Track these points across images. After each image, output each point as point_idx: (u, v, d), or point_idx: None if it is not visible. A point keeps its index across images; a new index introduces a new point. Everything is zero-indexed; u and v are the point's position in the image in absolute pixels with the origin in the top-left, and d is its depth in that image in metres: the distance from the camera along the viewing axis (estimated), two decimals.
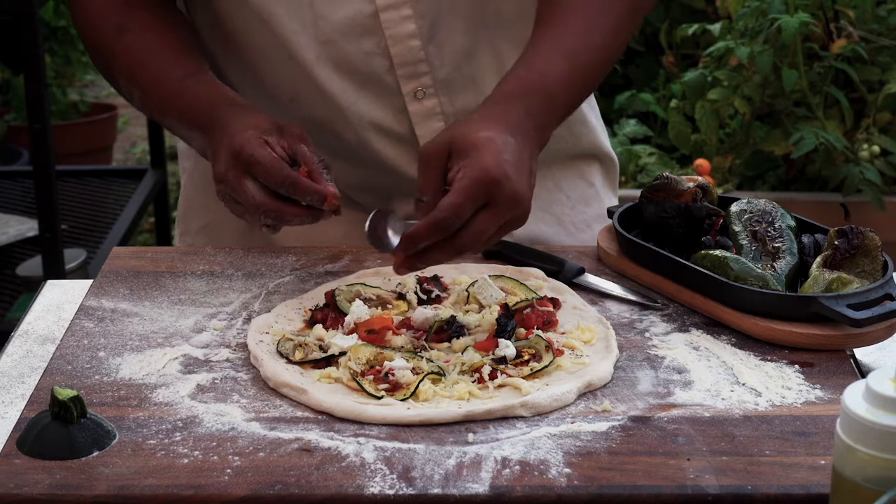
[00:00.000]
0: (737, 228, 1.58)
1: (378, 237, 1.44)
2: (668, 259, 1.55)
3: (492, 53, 1.69)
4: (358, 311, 1.45)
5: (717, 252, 1.52)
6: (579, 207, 1.83)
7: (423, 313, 1.46)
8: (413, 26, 1.63)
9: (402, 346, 1.41)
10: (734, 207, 1.61)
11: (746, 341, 1.45)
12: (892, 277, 1.49)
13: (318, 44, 1.63)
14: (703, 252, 1.54)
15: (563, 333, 1.46)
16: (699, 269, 1.51)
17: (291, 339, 1.41)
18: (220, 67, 1.72)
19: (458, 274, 1.58)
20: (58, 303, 1.60)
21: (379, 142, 1.69)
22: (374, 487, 1.18)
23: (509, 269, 1.59)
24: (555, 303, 1.51)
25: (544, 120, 1.50)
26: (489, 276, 1.54)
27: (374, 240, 1.44)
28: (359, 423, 1.28)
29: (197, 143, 1.60)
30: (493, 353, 1.39)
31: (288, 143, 1.49)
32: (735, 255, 1.52)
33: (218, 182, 1.51)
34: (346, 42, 1.63)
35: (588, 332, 1.45)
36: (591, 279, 1.59)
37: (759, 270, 1.49)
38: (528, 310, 1.47)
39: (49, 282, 1.67)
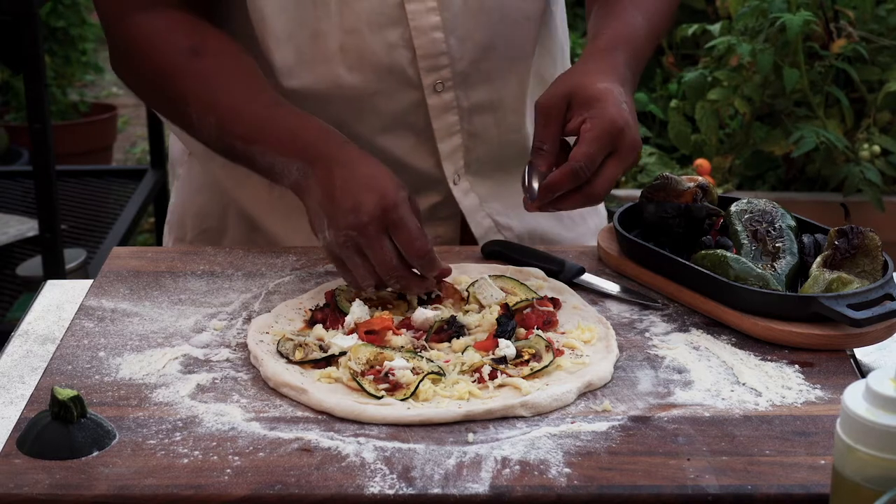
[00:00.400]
0: (737, 228, 1.58)
1: (526, 187, 1.53)
2: (668, 259, 1.55)
3: (507, 50, 1.71)
4: (358, 312, 1.45)
5: (718, 252, 1.52)
6: None
7: (423, 313, 1.46)
8: (437, 18, 1.64)
9: (402, 346, 1.41)
10: (734, 207, 1.61)
11: (746, 341, 1.45)
12: (892, 277, 1.49)
13: (343, 33, 1.62)
14: (703, 252, 1.54)
15: (563, 333, 1.46)
16: (699, 269, 1.51)
17: (291, 339, 1.41)
18: None
19: (458, 274, 1.58)
20: (58, 303, 1.60)
21: (394, 136, 1.70)
22: (374, 487, 1.18)
23: (509, 269, 1.59)
24: (555, 303, 1.51)
25: (636, 70, 1.62)
26: (489, 276, 1.54)
27: (524, 189, 1.54)
28: (359, 423, 1.28)
29: (291, 175, 1.53)
30: (493, 353, 1.39)
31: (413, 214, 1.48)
32: (735, 255, 1.52)
33: (352, 229, 1.45)
34: (370, 32, 1.63)
35: (588, 332, 1.45)
36: (591, 279, 1.59)
37: (760, 270, 1.49)
38: (528, 310, 1.48)
39: (49, 282, 1.67)
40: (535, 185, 1.52)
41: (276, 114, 1.56)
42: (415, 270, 1.48)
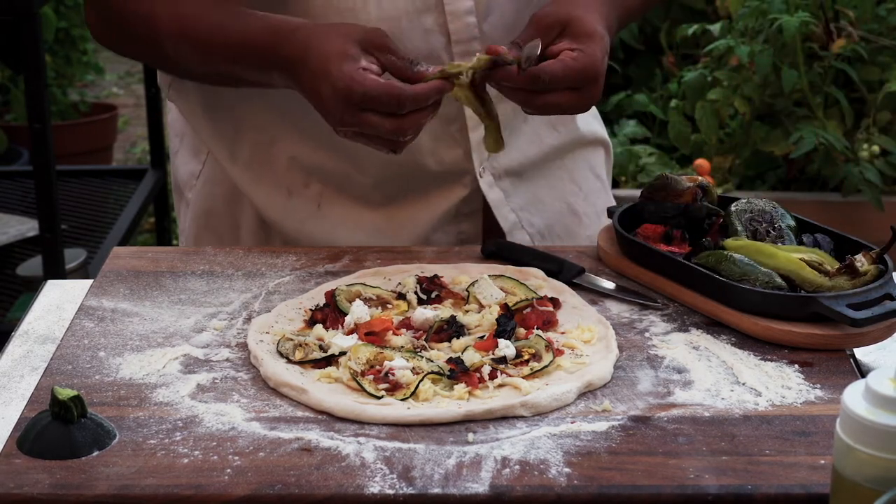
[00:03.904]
0: (737, 228, 1.58)
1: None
2: (668, 259, 1.55)
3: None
4: (358, 311, 1.45)
5: (723, 251, 1.52)
6: (591, 199, 1.89)
7: (423, 313, 1.46)
8: (470, 3, 1.66)
9: (402, 346, 1.41)
10: (734, 207, 1.61)
11: (746, 341, 1.45)
12: (892, 277, 1.49)
13: (381, 21, 1.63)
14: (706, 252, 1.54)
15: (563, 333, 1.46)
16: (699, 268, 1.51)
17: (291, 339, 1.41)
18: None
19: (458, 274, 1.58)
20: (58, 303, 1.60)
21: (428, 126, 1.69)
22: (374, 487, 1.18)
23: (509, 269, 1.59)
24: (555, 303, 1.51)
25: (619, 27, 1.67)
26: (489, 276, 1.54)
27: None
28: (359, 423, 1.28)
29: (282, 84, 1.58)
30: (493, 353, 1.39)
31: (376, 59, 1.50)
32: (740, 254, 1.52)
33: (338, 127, 1.51)
34: (407, 19, 1.64)
35: (588, 332, 1.45)
36: (591, 279, 1.59)
37: (765, 268, 1.49)
38: (528, 310, 1.48)
39: (49, 282, 1.67)
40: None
41: (237, 27, 1.58)
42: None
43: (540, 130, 1.83)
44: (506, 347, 1.39)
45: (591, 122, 1.92)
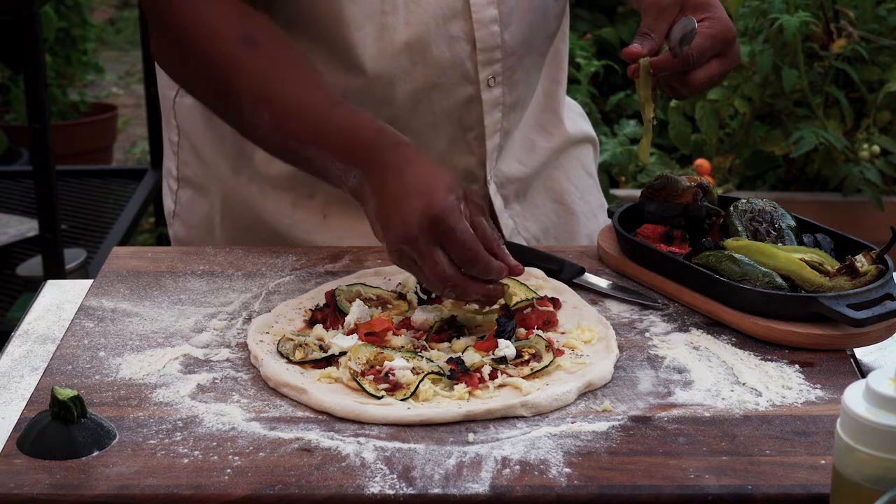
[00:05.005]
0: (737, 228, 1.58)
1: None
2: (668, 259, 1.55)
3: (539, 47, 1.76)
4: (358, 311, 1.45)
5: (724, 251, 1.52)
6: (586, 197, 1.91)
7: (423, 313, 1.46)
8: (495, 11, 1.67)
9: (402, 346, 1.41)
10: (734, 207, 1.61)
11: (746, 341, 1.45)
12: (892, 277, 1.49)
13: (409, 27, 1.63)
14: (706, 252, 1.54)
15: (563, 333, 1.46)
16: (699, 269, 1.51)
17: (292, 339, 1.41)
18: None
19: None
20: (58, 303, 1.60)
21: (442, 133, 1.71)
22: (375, 487, 1.18)
23: None
24: (555, 303, 1.51)
25: None
26: None
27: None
28: (359, 423, 1.28)
29: (349, 181, 1.48)
30: (493, 353, 1.39)
31: (470, 212, 1.43)
32: (741, 254, 1.52)
33: (403, 242, 1.40)
34: (436, 25, 1.65)
35: (588, 332, 1.45)
36: (591, 279, 1.59)
37: (765, 269, 1.49)
38: (528, 310, 1.48)
39: (49, 282, 1.67)
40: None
41: (333, 114, 1.51)
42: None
43: (532, 136, 1.83)
44: (506, 347, 1.39)
45: (578, 121, 1.93)
